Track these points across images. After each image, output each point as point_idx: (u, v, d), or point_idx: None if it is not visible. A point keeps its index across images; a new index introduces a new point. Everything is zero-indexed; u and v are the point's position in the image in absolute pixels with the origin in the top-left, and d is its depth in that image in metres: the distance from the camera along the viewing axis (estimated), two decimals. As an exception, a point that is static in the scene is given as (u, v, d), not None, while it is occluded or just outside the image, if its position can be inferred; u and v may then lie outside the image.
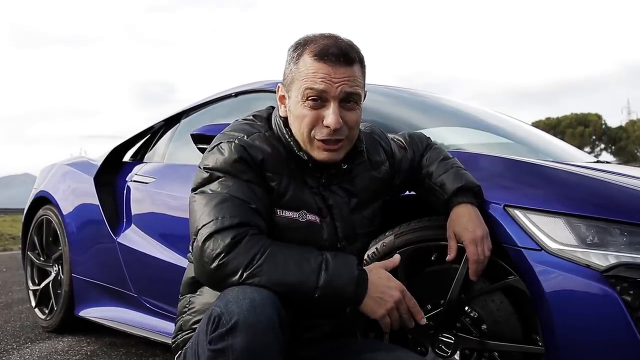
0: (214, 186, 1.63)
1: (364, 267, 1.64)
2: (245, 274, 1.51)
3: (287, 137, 1.71)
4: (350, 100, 1.66)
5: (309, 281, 1.53)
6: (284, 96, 1.73)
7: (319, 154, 1.68)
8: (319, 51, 1.64)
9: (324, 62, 1.63)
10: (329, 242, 1.72)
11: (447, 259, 1.86)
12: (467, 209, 1.84)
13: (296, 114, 1.67)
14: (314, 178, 1.73)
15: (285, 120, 1.73)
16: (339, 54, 1.63)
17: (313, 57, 1.64)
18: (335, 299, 1.56)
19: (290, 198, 1.68)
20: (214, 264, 1.54)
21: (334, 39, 1.67)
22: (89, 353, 3.44)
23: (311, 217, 1.70)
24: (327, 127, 1.63)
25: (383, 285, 1.60)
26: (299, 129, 1.68)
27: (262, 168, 1.65)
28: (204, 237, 1.56)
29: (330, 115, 1.63)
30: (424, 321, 1.65)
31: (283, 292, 1.51)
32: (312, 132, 1.66)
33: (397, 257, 1.71)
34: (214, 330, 1.45)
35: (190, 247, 1.84)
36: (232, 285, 1.52)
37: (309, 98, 1.64)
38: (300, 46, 1.68)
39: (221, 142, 1.68)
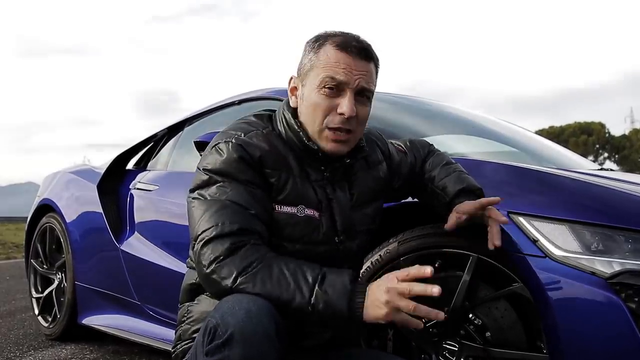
0: (213, 191, 1.63)
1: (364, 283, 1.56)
2: (239, 279, 1.50)
3: (295, 127, 1.71)
4: (364, 95, 1.69)
5: (303, 294, 1.49)
6: (295, 87, 1.75)
7: (327, 144, 1.69)
8: (342, 42, 1.68)
9: (346, 53, 1.66)
10: (327, 235, 1.71)
11: (445, 226, 1.84)
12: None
13: (311, 101, 1.69)
14: (318, 171, 1.73)
15: (294, 111, 1.74)
16: (361, 48, 1.68)
17: (336, 47, 1.67)
18: (328, 314, 1.49)
19: (289, 193, 1.67)
20: (210, 268, 1.54)
21: (356, 36, 1.72)
22: (91, 361, 3.44)
23: (310, 211, 1.69)
24: (341, 114, 1.65)
25: (375, 288, 1.50)
26: (311, 117, 1.69)
27: (261, 165, 1.65)
28: (203, 242, 1.57)
29: (345, 104, 1.65)
30: (436, 289, 1.43)
31: (275, 304, 1.48)
32: (325, 120, 1.67)
33: (428, 268, 1.48)
34: (210, 341, 1.44)
35: (190, 252, 1.84)
36: (226, 289, 1.51)
37: (326, 86, 1.66)
38: (322, 37, 1.72)
39: (219, 142, 1.68)
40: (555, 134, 47.88)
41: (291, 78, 1.77)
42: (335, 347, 1.79)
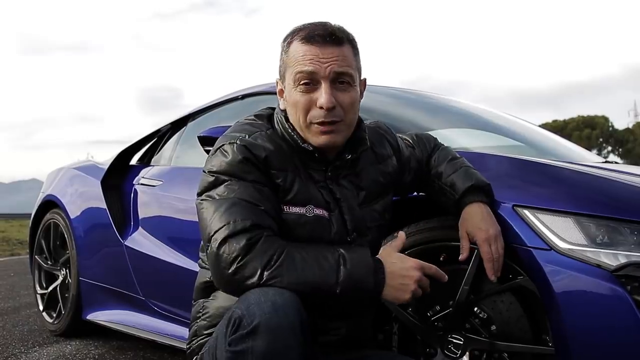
0: (221, 190, 1.62)
1: (377, 256, 1.62)
2: (265, 274, 1.49)
3: (289, 131, 1.71)
4: (342, 81, 1.67)
5: (329, 277, 1.52)
6: (282, 90, 1.75)
7: (317, 139, 1.68)
8: (306, 35, 1.67)
9: (311, 44, 1.65)
10: (339, 235, 1.70)
11: (460, 258, 1.85)
12: (480, 208, 1.83)
13: (291, 102, 1.69)
14: (319, 172, 1.73)
15: (286, 114, 1.74)
16: (326, 35, 1.66)
17: (301, 41, 1.67)
18: (356, 292, 1.54)
19: (297, 194, 1.67)
20: (232, 268, 1.52)
21: (322, 24, 1.70)
22: (96, 356, 3.45)
23: (319, 211, 1.69)
24: (321, 108, 1.64)
25: (400, 268, 1.58)
26: (295, 116, 1.69)
27: (266, 166, 1.65)
28: (218, 242, 1.54)
29: (322, 96, 1.64)
30: (445, 279, 1.67)
31: (305, 292, 1.49)
32: (308, 117, 1.67)
33: (402, 235, 1.70)
34: (234, 332, 1.43)
35: (201, 254, 1.83)
36: (252, 288, 1.50)
37: (301, 82, 1.66)
38: (290, 35, 1.72)
39: (223, 144, 1.67)
40: (558, 128, 47.79)
41: (277, 81, 1.78)
42: (350, 347, 1.78)
